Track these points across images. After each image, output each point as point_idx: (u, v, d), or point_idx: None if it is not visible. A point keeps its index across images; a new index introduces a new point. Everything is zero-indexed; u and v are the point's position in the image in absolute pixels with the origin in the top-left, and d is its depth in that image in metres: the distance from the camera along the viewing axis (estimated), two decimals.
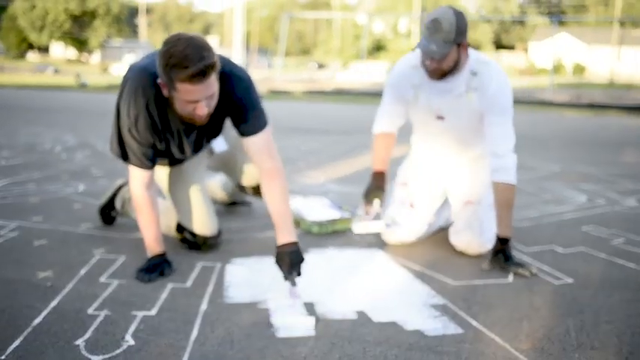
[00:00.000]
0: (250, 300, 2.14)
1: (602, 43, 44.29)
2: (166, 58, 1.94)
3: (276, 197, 2.23)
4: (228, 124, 2.58)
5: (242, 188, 2.99)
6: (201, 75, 1.93)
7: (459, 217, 2.76)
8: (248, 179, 2.88)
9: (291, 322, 1.94)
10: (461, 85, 2.50)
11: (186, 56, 1.90)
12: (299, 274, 2.13)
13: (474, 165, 2.78)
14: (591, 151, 6.77)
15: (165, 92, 2.07)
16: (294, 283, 2.10)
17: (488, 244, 2.68)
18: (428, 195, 2.86)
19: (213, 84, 2.02)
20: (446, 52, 2.34)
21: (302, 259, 2.16)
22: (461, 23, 2.34)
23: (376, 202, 2.74)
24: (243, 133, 2.27)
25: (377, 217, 2.77)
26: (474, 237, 2.66)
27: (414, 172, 2.91)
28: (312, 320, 1.94)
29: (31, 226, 2.97)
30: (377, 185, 2.77)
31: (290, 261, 2.12)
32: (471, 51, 2.50)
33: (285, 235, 2.18)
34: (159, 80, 2.05)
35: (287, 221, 2.21)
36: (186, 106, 2.06)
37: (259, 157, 2.26)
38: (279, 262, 2.15)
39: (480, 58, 2.52)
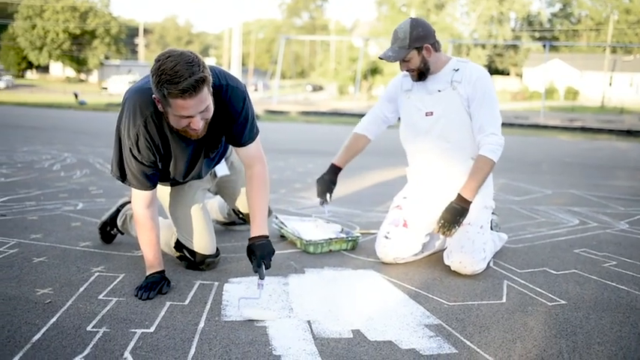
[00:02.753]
0: (247, 318, 2.16)
1: (594, 69, 44.75)
2: (158, 75, 1.96)
3: (255, 190, 2.43)
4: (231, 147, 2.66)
5: (238, 213, 3.03)
6: (192, 90, 1.96)
7: (451, 239, 2.81)
8: (246, 206, 2.92)
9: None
10: (445, 81, 2.83)
11: (176, 72, 1.93)
12: (268, 267, 2.29)
13: None
14: (583, 175, 6.84)
15: (160, 107, 2.10)
16: (262, 276, 2.25)
17: (481, 263, 2.74)
18: (421, 216, 2.92)
19: (205, 98, 2.04)
20: (400, 56, 2.75)
21: (272, 251, 2.34)
22: (415, 31, 2.73)
23: (327, 195, 3.18)
24: (238, 143, 2.38)
25: (324, 205, 3.22)
26: (466, 257, 2.72)
27: (408, 196, 3.00)
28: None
29: (31, 243, 3.00)
30: (330, 179, 3.18)
31: (260, 253, 2.29)
32: (452, 56, 2.90)
33: (258, 229, 2.37)
34: (154, 96, 2.07)
35: (261, 215, 2.41)
36: (181, 121, 2.08)
37: (251, 161, 2.44)
38: (249, 254, 2.33)
39: (460, 59, 2.89)
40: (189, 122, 2.07)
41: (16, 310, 2.13)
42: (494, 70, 50.44)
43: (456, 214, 2.70)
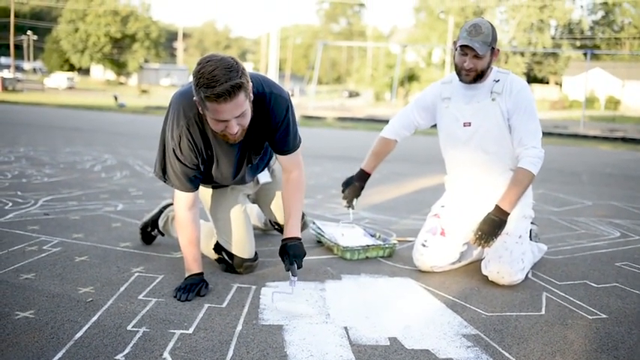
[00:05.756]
0: (284, 323, 2.17)
1: (636, 78, 43.69)
2: (197, 77, 2.01)
3: (290, 193, 2.51)
4: (273, 159, 2.70)
5: (274, 224, 3.05)
6: (227, 95, 1.99)
7: (489, 248, 2.78)
8: (281, 216, 2.92)
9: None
10: (485, 91, 2.79)
11: (214, 76, 1.97)
12: (299, 267, 2.37)
13: None
14: (624, 186, 6.68)
15: (200, 110, 2.15)
16: (294, 274, 2.34)
17: (519, 274, 2.71)
18: (459, 225, 2.89)
19: (241, 104, 2.06)
20: (483, 51, 2.64)
21: (303, 253, 2.43)
22: (494, 31, 2.70)
23: (354, 200, 3.20)
24: (279, 152, 2.44)
25: (350, 209, 3.24)
26: (504, 267, 2.69)
27: (446, 205, 2.98)
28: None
29: (73, 242, 3.07)
30: (360, 185, 3.20)
31: (292, 253, 2.39)
32: (493, 66, 2.82)
33: (291, 230, 2.46)
34: (194, 98, 2.11)
35: (295, 217, 2.49)
36: (218, 125, 2.12)
37: (290, 167, 2.52)
38: (282, 253, 2.42)
39: (500, 70, 2.84)
40: (226, 126, 2.11)
41: (59, 307, 2.19)
42: (532, 79, 49.68)
43: (494, 225, 2.68)
